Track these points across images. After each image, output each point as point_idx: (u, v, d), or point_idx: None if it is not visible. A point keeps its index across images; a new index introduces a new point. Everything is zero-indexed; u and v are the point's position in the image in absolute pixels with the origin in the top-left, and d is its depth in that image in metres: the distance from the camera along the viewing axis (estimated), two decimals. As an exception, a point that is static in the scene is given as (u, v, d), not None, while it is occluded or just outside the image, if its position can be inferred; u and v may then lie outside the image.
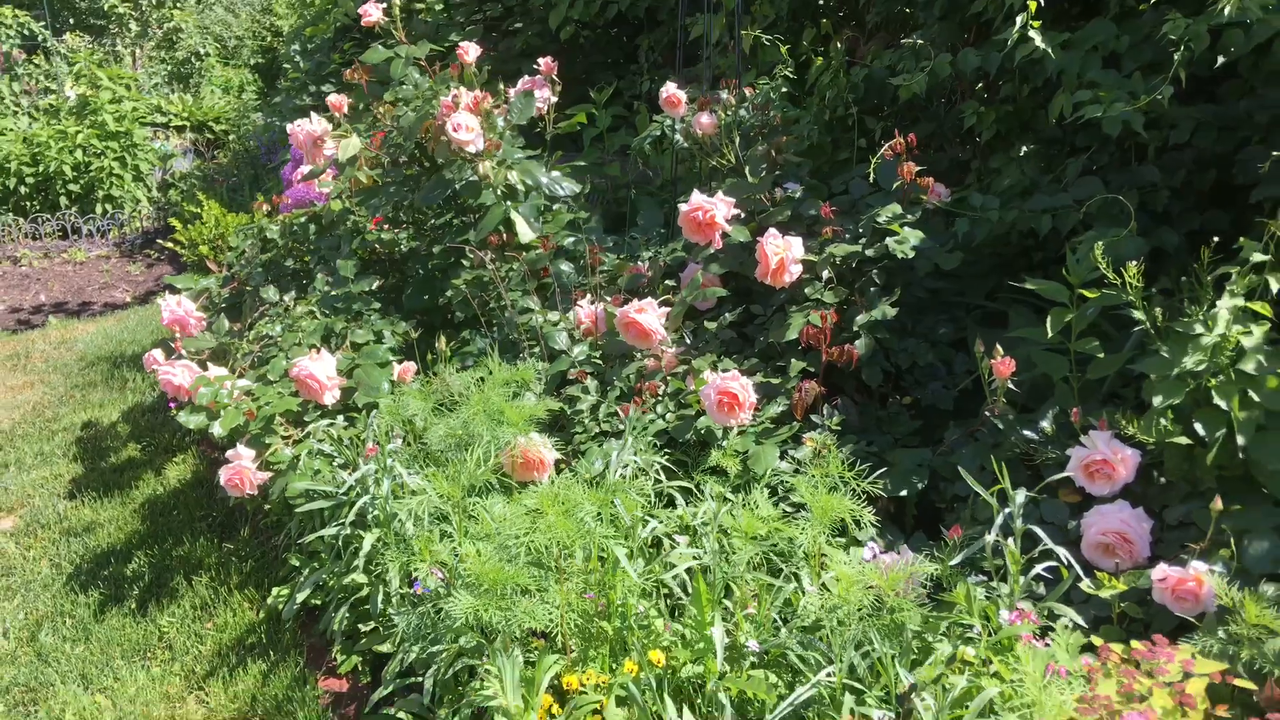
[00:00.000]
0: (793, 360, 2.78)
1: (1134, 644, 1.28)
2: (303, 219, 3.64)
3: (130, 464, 3.69)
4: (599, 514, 2.08)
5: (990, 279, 3.06)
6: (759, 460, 2.52)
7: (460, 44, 3.33)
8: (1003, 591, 2.02)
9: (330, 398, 2.86)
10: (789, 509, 2.39)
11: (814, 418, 2.63)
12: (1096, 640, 1.78)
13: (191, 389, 2.88)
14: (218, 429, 2.80)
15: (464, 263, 3.24)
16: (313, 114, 3.34)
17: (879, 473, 2.49)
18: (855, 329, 2.75)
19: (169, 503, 3.37)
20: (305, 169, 3.75)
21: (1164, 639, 1.29)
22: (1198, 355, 1.99)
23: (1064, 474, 2.18)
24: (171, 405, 3.07)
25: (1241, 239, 2.06)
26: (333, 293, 3.15)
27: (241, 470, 2.69)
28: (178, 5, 14.20)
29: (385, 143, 3.35)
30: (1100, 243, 2.27)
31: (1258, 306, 1.98)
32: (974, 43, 3.44)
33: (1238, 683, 1.31)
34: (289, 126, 3.33)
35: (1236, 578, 1.87)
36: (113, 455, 3.78)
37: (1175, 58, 2.34)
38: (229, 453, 2.74)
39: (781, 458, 2.55)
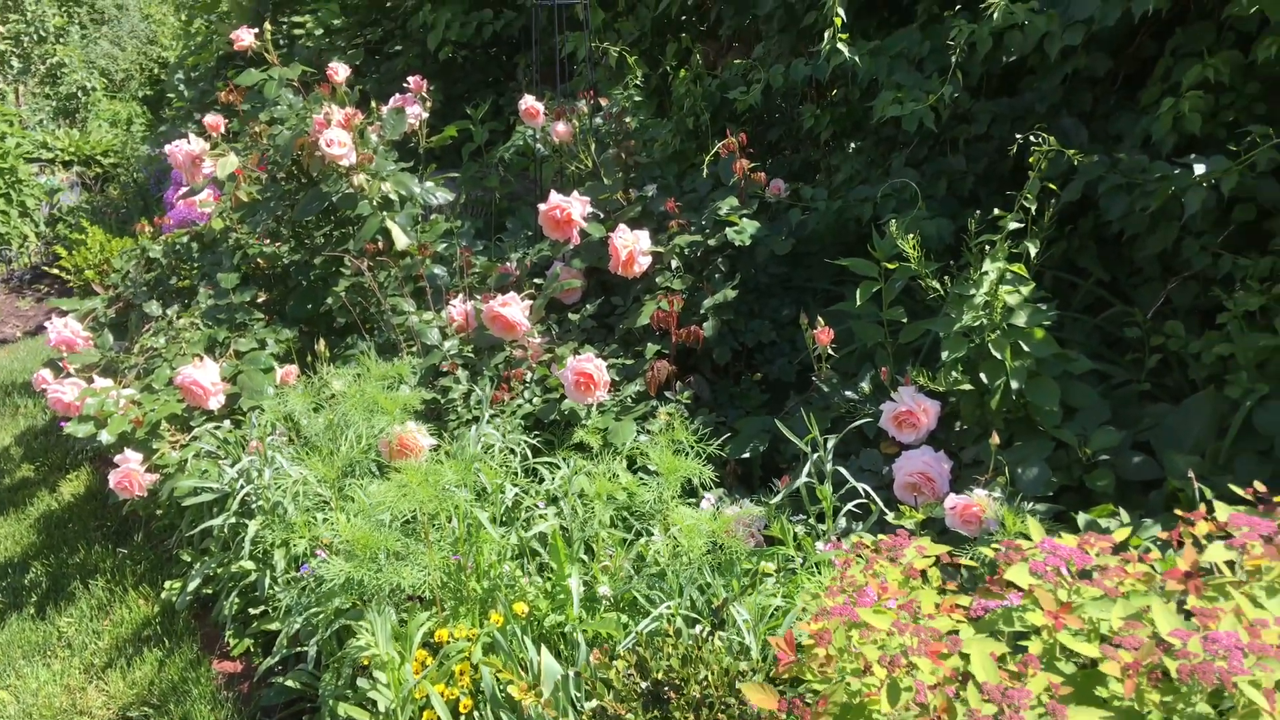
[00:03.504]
0: (649, 345, 3.03)
1: (881, 537, 1.54)
2: (185, 238, 3.78)
3: (24, 483, 3.77)
4: (462, 483, 2.30)
5: (834, 264, 3.37)
6: (618, 435, 2.77)
7: (331, 65, 3.53)
8: (822, 530, 2.30)
9: (215, 403, 3.02)
10: (645, 476, 2.63)
11: (668, 394, 2.89)
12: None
13: (78, 401, 3.02)
14: (105, 436, 2.94)
15: (343, 271, 3.43)
16: (190, 135, 3.50)
17: (725, 438, 2.77)
18: (703, 312, 3.02)
19: (64, 516, 3.48)
20: (185, 189, 3.90)
21: (905, 533, 1.56)
22: (972, 313, 2.30)
23: (863, 423, 2.47)
24: (63, 425, 3.18)
25: (996, 210, 2.38)
26: (215, 304, 3.31)
27: (130, 473, 2.84)
28: (61, 41, 13.97)
29: (263, 161, 3.52)
30: (899, 223, 2.57)
31: (1016, 268, 2.30)
32: (808, 53, 3.76)
33: (963, 562, 1.59)
34: (167, 148, 3.48)
35: (1011, 501, 2.17)
36: (6, 477, 3.86)
37: (953, 59, 2.67)
38: (117, 458, 2.88)
39: (640, 433, 2.80)
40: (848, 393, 2.66)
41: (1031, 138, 2.38)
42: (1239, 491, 1.46)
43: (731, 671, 1.77)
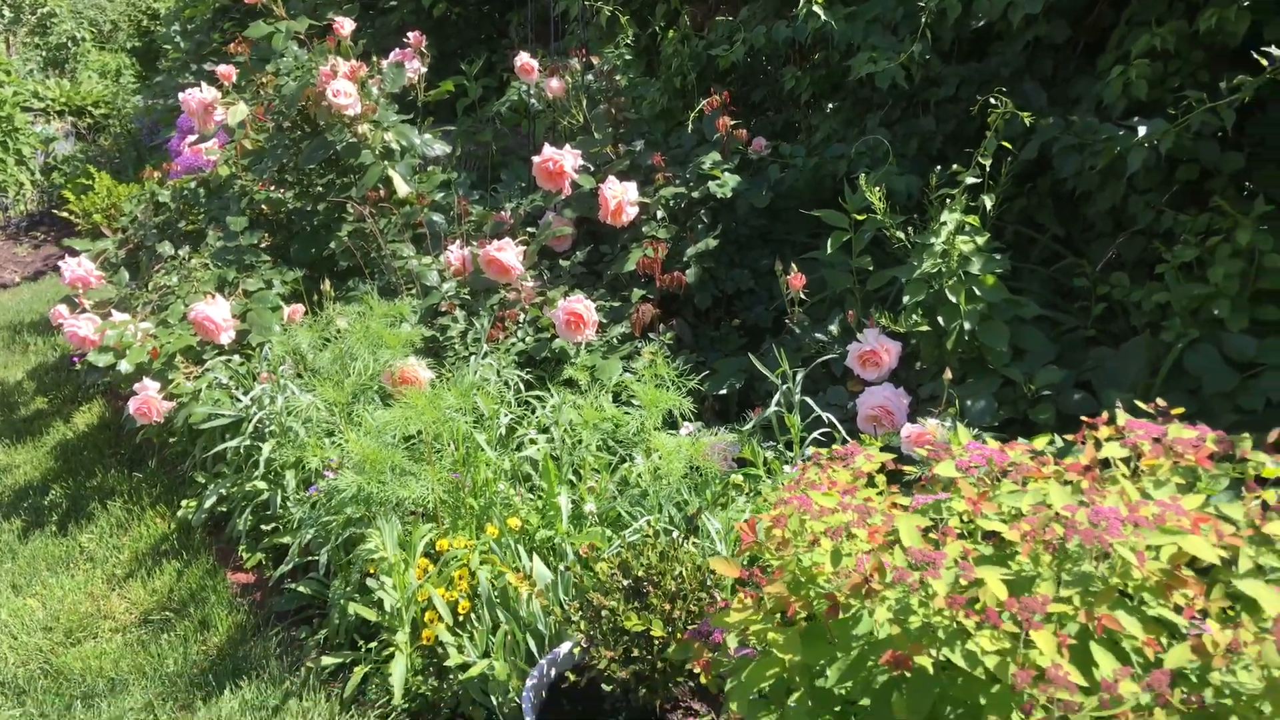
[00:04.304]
0: (634, 289, 3.24)
1: (835, 447, 1.76)
2: (192, 184, 3.95)
3: (39, 414, 3.96)
4: (461, 408, 2.51)
5: (813, 219, 3.58)
6: (605, 371, 2.98)
7: (336, 19, 3.69)
8: (790, 455, 2.52)
9: (226, 338, 3.21)
10: (629, 409, 2.85)
11: (652, 336, 3.10)
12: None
13: (97, 334, 3.20)
14: (125, 366, 3.13)
15: (346, 217, 3.61)
16: (202, 84, 3.66)
17: (704, 375, 2.99)
18: (686, 260, 3.22)
19: (79, 445, 3.67)
20: (194, 135, 4.06)
21: (856, 445, 1.78)
22: (931, 260, 2.51)
23: (832, 362, 2.69)
24: (74, 360, 3.37)
25: (955, 165, 2.59)
26: (225, 245, 3.50)
27: (149, 399, 3.04)
28: (51, -10, 13.92)
29: (268, 111, 3.69)
30: (869, 177, 2.78)
31: (971, 220, 2.51)
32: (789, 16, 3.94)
33: (906, 468, 1.81)
34: (181, 95, 3.64)
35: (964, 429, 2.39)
36: (22, 408, 4.05)
37: (923, 20, 2.86)
38: (136, 385, 3.08)
39: (625, 370, 3.01)
40: (818, 334, 2.88)
41: (992, 99, 2.57)
42: (1146, 409, 1.68)
43: (704, 569, 2.00)
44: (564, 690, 2.09)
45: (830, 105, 3.65)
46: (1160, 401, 1.62)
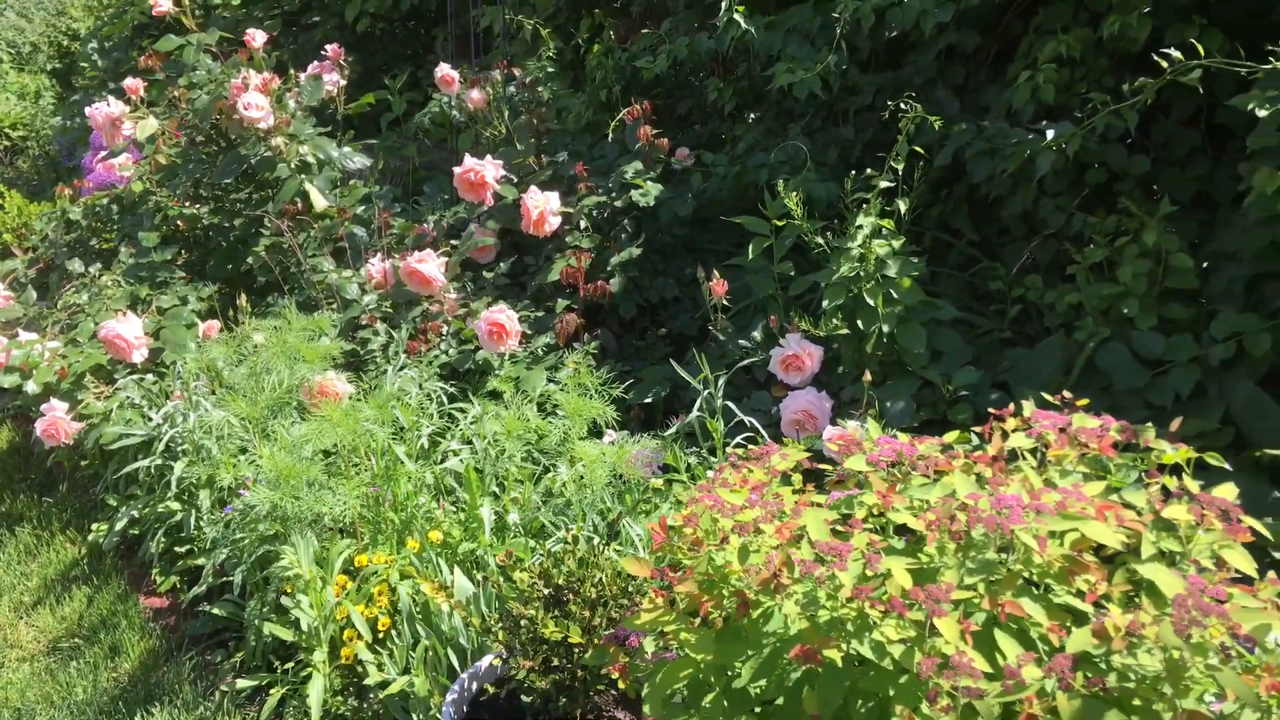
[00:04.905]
0: (559, 300, 3.22)
1: (751, 447, 1.76)
2: (105, 200, 3.85)
3: (-57, 442, 3.82)
4: (380, 420, 2.46)
5: (739, 228, 3.59)
6: (529, 382, 2.95)
7: (248, 31, 3.63)
8: (713, 461, 2.52)
9: (139, 356, 3.12)
10: (554, 419, 2.82)
11: (577, 346, 3.08)
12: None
13: (2, 354, 3.09)
14: (31, 386, 3.03)
15: (263, 232, 3.54)
16: (110, 98, 3.57)
17: (629, 384, 2.98)
18: (610, 269, 3.21)
19: (-14, 471, 3.55)
20: (105, 152, 3.95)
21: (773, 445, 1.78)
22: (849, 264, 2.53)
23: (757, 369, 2.69)
24: (-18, 383, 3.25)
25: (869, 170, 2.62)
26: (137, 262, 3.40)
27: (56, 420, 2.94)
28: (-37, 11, 13.55)
29: (181, 125, 3.61)
30: (787, 183, 2.80)
31: (885, 223, 2.54)
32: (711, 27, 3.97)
33: (821, 465, 1.81)
34: (88, 110, 3.55)
35: (883, 431, 2.41)
36: (-76, 436, 3.90)
37: (838, 31, 2.90)
38: (44, 406, 2.98)
39: (550, 381, 2.99)
40: (742, 341, 2.88)
41: (902, 105, 2.61)
42: (1054, 402, 1.70)
43: (624, 575, 1.97)
44: (484, 703, 2.05)
45: (753, 116, 3.68)
46: (1067, 394, 1.64)
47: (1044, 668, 1.15)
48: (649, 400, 2.97)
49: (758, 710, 1.44)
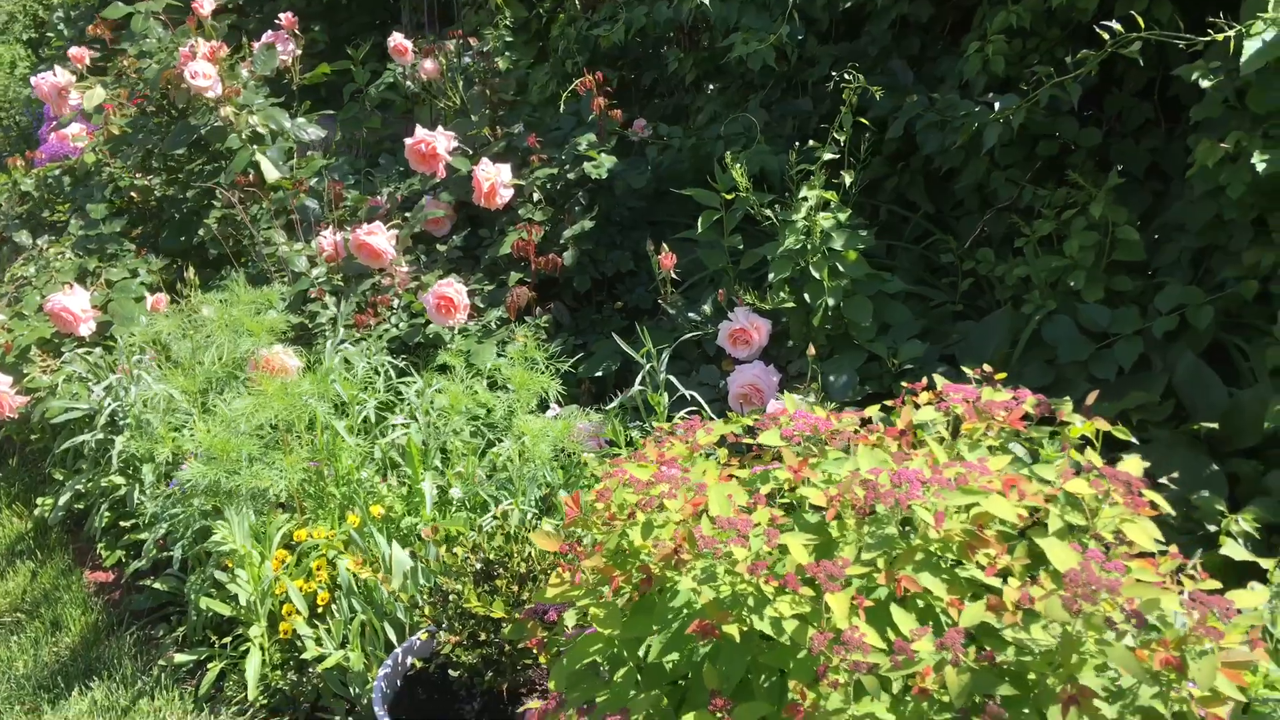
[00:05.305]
0: (511, 273, 3.19)
1: (676, 419, 1.75)
2: (56, 171, 3.80)
3: (-107, 416, 3.78)
4: (320, 394, 2.44)
5: (696, 201, 3.57)
6: (479, 356, 2.93)
7: (198, -1, 3.57)
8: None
9: (86, 329, 3.09)
10: (503, 394, 2.81)
11: (529, 319, 3.06)
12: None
13: (-53, 327, 3.06)
14: (-27, 360, 2.99)
15: (215, 204, 3.50)
16: (56, 67, 3.51)
17: (579, 357, 2.96)
18: (563, 242, 3.18)
19: (-67, 447, 3.52)
20: (55, 122, 3.90)
21: (698, 420, 1.77)
22: (795, 237, 2.51)
23: (707, 343, 2.68)
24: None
25: (811, 142, 2.60)
26: (86, 234, 3.36)
27: (1, 394, 2.91)
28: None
29: (134, 95, 3.56)
30: (736, 156, 2.77)
31: (830, 195, 2.52)
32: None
33: (746, 439, 1.81)
34: (33, 79, 3.49)
35: (822, 404, 2.40)
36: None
37: (789, 1, 2.86)
38: (-13, 381, 2.95)
39: (501, 355, 2.97)
40: (691, 314, 2.87)
41: (846, 75, 2.58)
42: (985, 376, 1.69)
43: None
44: (417, 678, 2.04)
45: (713, 87, 3.64)
46: (987, 367, 1.63)
47: (935, 642, 1.15)
48: (600, 374, 2.95)
49: (671, 685, 1.44)
